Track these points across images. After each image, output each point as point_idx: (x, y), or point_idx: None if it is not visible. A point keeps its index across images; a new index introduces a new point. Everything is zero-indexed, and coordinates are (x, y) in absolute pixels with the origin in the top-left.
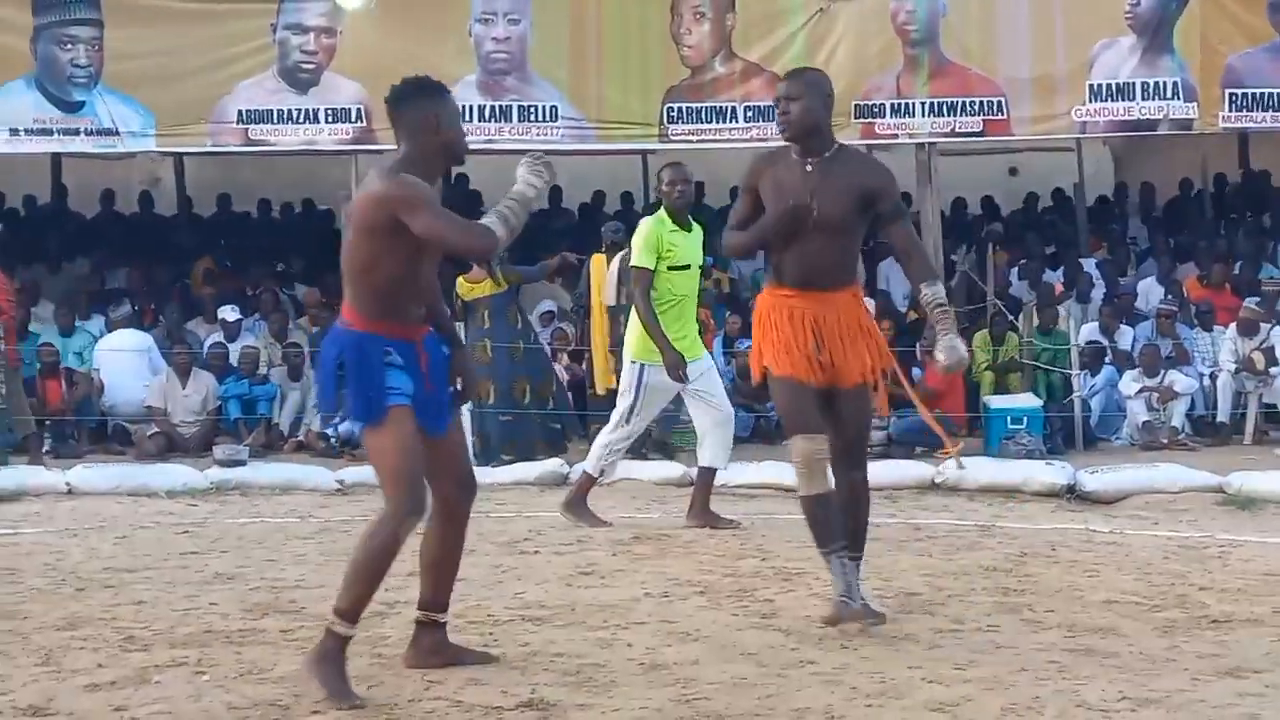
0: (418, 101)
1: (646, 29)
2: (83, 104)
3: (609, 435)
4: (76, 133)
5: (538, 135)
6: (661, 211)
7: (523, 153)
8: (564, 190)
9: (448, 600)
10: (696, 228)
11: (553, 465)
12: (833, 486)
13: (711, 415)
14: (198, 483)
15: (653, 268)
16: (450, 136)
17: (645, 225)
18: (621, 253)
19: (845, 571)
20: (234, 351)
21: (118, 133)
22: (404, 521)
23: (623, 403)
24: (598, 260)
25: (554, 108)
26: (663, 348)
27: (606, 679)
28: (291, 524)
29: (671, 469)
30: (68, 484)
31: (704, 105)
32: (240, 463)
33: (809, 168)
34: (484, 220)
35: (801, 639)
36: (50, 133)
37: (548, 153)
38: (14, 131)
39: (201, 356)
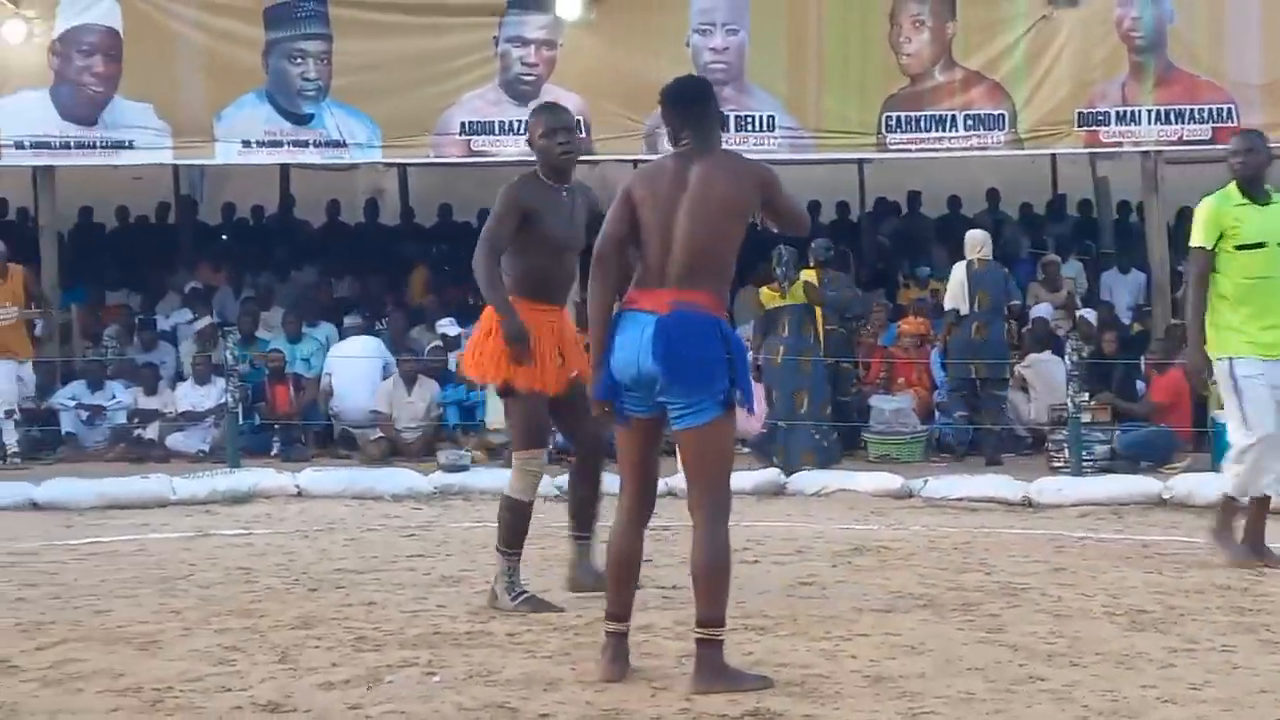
0: (714, 98)
1: (865, 38)
2: (312, 116)
3: (1234, 450)
4: (305, 145)
5: (755, 145)
6: (1231, 185)
7: None
8: None
9: None
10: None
11: (770, 475)
12: None
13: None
14: (422, 487)
15: (1210, 247)
16: None
17: (1205, 202)
18: (966, 260)
19: (579, 552)
20: (453, 360)
21: (345, 144)
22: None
23: (1229, 408)
24: (809, 275)
25: (771, 117)
26: (1191, 341)
27: (832, 690)
28: None
29: (889, 480)
30: (297, 486)
31: (923, 114)
32: (463, 468)
33: (565, 195)
34: None
35: (1030, 655)
36: (280, 145)
37: (769, 162)
38: (246, 144)
39: (422, 363)
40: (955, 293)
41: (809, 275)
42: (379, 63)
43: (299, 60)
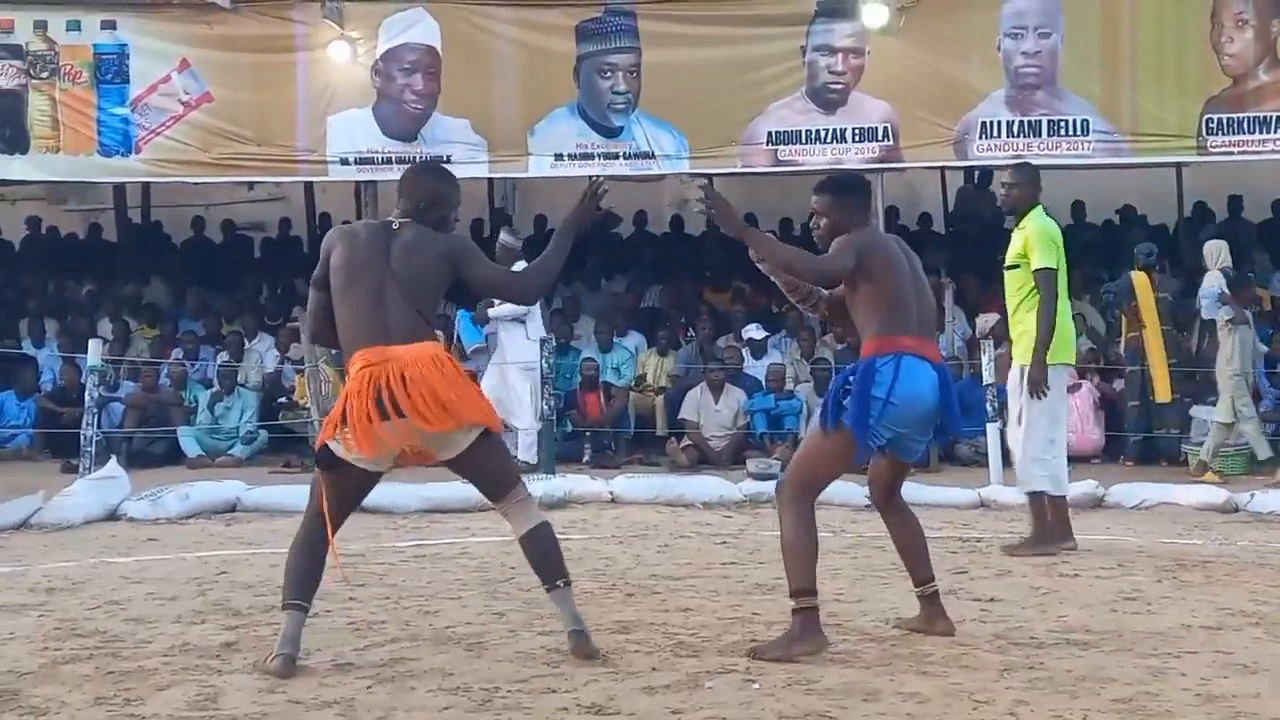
0: None
1: (1183, 38)
2: (621, 129)
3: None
4: (615, 157)
5: (1069, 150)
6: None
7: (1050, 168)
8: (1086, 205)
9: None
10: None
11: (1086, 486)
12: None
13: None
14: (731, 495)
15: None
16: None
17: (1048, 225)
18: (1219, 269)
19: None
20: (756, 367)
21: (653, 156)
22: None
23: (1049, 410)
24: (1139, 279)
25: (1085, 121)
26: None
27: (1161, 709)
28: (824, 538)
29: (1213, 494)
30: (611, 493)
31: (1245, 115)
32: (772, 476)
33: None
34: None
35: None
36: (591, 157)
37: (1078, 168)
38: (558, 157)
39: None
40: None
41: (1139, 279)
42: (687, 74)
43: (609, 74)
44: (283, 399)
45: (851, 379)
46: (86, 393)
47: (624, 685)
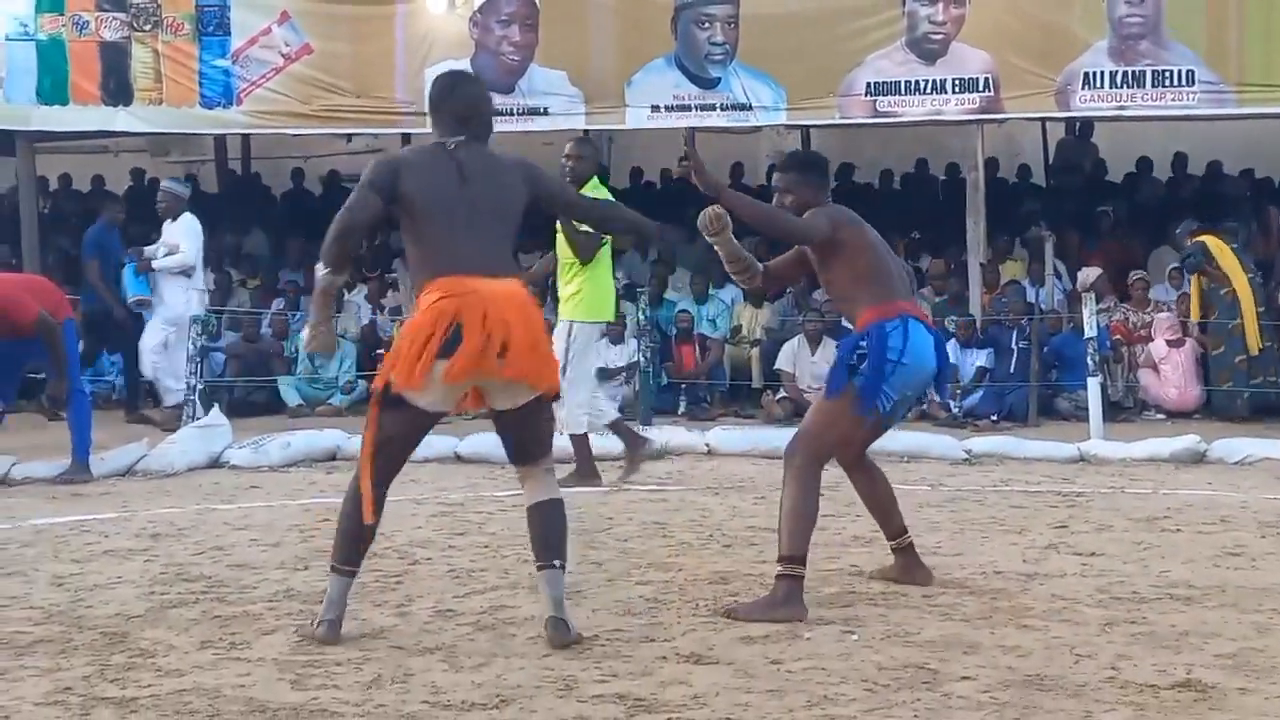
0: None
1: None
2: (719, 80)
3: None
4: (712, 108)
5: (1173, 101)
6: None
7: (1154, 119)
8: (1189, 157)
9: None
10: None
11: (1188, 441)
12: None
13: None
14: None
15: None
16: None
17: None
18: None
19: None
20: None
21: (750, 107)
22: None
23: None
24: (1211, 241)
25: (1190, 72)
26: None
27: (1267, 664)
28: (921, 491)
29: None
30: (707, 445)
31: None
32: None
33: None
34: None
35: None
36: (688, 109)
37: (1183, 119)
38: (655, 108)
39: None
40: None
41: (1212, 242)
42: (785, 25)
43: (706, 25)
44: (381, 350)
45: (863, 344)
46: (189, 342)
47: (723, 635)
